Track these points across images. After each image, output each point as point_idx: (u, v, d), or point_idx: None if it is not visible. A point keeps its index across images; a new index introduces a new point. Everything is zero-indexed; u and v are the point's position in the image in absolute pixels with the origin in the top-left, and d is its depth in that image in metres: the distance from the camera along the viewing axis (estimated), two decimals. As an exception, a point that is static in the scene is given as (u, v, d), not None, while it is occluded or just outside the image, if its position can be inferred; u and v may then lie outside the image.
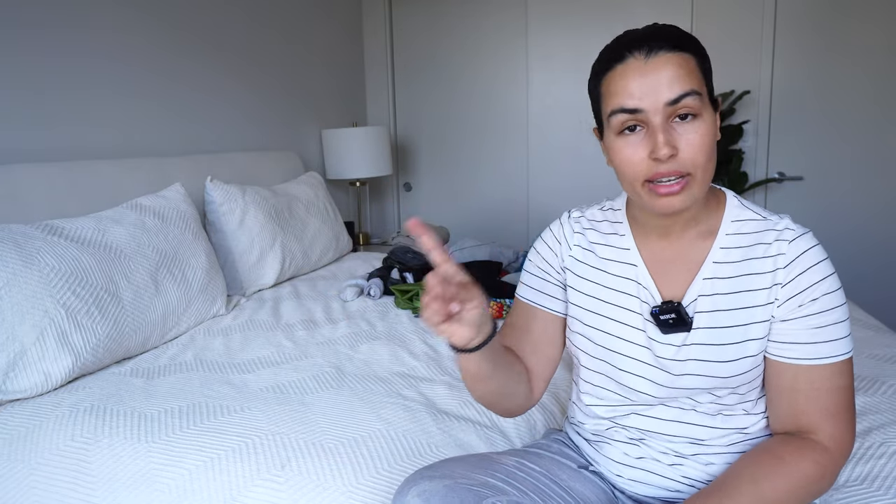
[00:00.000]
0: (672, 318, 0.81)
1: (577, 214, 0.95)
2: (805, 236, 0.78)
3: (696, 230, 0.84)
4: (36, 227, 1.44)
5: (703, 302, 0.81)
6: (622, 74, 0.75)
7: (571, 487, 0.88)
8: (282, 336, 1.65)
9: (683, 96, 0.72)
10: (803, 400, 0.77)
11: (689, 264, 0.83)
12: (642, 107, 0.73)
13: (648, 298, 0.84)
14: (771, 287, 0.78)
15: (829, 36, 2.72)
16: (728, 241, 0.82)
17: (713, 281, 0.81)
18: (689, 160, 0.73)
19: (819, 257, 0.77)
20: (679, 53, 0.74)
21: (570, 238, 0.94)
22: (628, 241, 0.88)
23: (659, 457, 0.86)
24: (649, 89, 0.73)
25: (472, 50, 3.35)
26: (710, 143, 0.74)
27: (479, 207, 3.49)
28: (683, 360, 0.81)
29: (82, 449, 1.13)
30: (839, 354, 0.76)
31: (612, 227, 0.91)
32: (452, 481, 0.76)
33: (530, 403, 0.94)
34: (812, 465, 0.74)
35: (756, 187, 2.90)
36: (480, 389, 0.86)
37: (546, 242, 0.96)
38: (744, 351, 0.79)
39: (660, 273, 0.85)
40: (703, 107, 0.74)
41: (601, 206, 0.95)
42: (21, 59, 1.70)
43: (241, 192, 2.12)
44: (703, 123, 0.74)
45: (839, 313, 0.76)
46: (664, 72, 0.73)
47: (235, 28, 2.55)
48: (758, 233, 0.81)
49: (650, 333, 0.84)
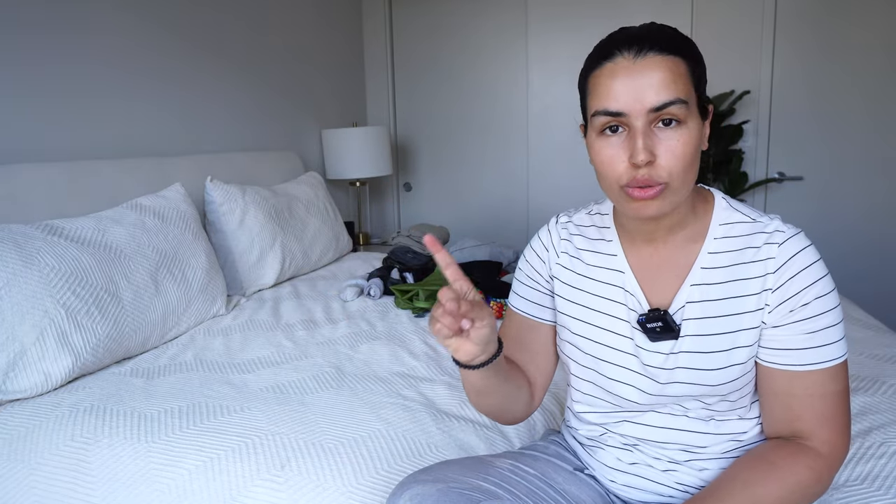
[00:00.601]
0: (659, 326, 0.79)
1: (565, 220, 0.93)
2: (795, 238, 0.76)
3: (682, 235, 0.81)
4: (36, 227, 1.44)
5: (690, 309, 0.79)
6: (609, 73, 0.73)
7: (566, 490, 0.88)
8: (282, 336, 1.65)
9: (669, 104, 0.70)
10: (798, 405, 0.76)
11: (677, 270, 0.81)
12: (625, 110, 0.71)
13: (636, 306, 0.83)
14: (761, 292, 0.76)
15: (828, 36, 2.72)
16: (716, 245, 0.80)
17: (701, 287, 0.79)
18: (665, 168, 0.71)
19: (810, 259, 0.75)
20: (670, 57, 0.71)
21: (557, 245, 0.92)
22: (615, 248, 0.86)
23: (652, 462, 0.85)
24: (634, 92, 0.71)
25: (472, 50, 3.35)
26: (691, 153, 0.72)
27: (479, 207, 3.49)
28: (671, 369, 0.80)
29: (82, 449, 1.13)
30: (833, 359, 0.75)
31: (600, 233, 0.89)
32: (445, 485, 0.75)
33: (531, 410, 0.94)
34: (806, 470, 0.73)
35: (756, 187, 2.90)
36: (483, 403, 0.86)
37: (534, 250, 0.95)
38: (732, 358, 0.77)
39: (647, 280, 0.83)
40: (689, 115, 0.72)
41: (589, 211, 0.93)
42: (21, 59, 1.70)
43: (241, 192, 2.12)
44: (687, 131, 0.71)
45: (832, 317, 0.74)
46: (652, 75, 0.70)
47: (235, 28, 2.55)
48: (747, 236, 0.79)
49: (638, 341, 0.82)
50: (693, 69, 0.74)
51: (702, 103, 0.76)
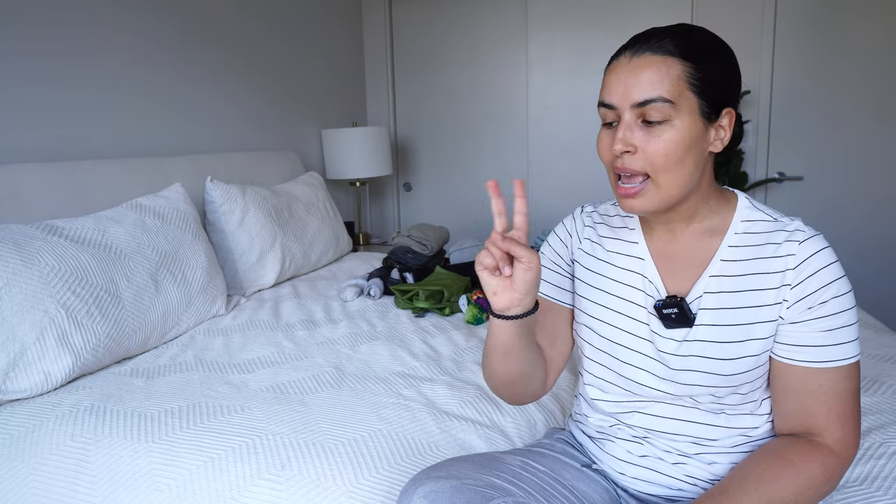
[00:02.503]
0: (675, 312, 0.81)
1: (590, 209, 0.98)
2: (815, 238, 0.78)
3: (700, 227, 0.84)
4: (36, 227, 1.44)
5: (708, 299, 0.81)
6: (612, 70, 0.79)
7: (575, 487, 0.88)
8: (282, 336, 1.65)
9: (650, 101, 0.74)
10: (812, 402, 0.77)
11: (697, 261, 0.84)
12: (615, 103, 0.77)
13: (653, 292, 0.85)
14: (780, 287, 0.78)
15: (828, 36, 2.72)
16: (737, 239, 0.82)
17: (720, 279, 0.81)
18: (646, 160, 0.76)
19: (829, 259, 0.77)
20: (664, 57, 0.75)
21: (580, 232, 0.96)
22: (637, 236, 0.90)
23: (662, 455, 0.86)
24: (624, 87, 0.76)
25: (472, 50, 3.35)
26: (677, 150, 0.75)
27: (480, 207, 3.49)
28: (685, 356, 0.81)
29: (82, 449, 1.13)
30: (848, 358, 0.76)
31: (623, 222, 0.93)
32: (458, 482, 0.76)
33: (543, 391, 0.95)
34: (819, 467, 0.74)
35: (756, 187, 2.90)
36: (504, 369, 0.86)
37: (558, 236, 0.99)
38: (746, 350, 0.79)
39: (667, 268, 0.86)
40: (677, 115, 0.75)
41: (614, 202, 0.97)
42: (21, 59, 1.70)
43: (241, 192, 2.12)
44: (672, 130, 0.75)
45: (848, 316, 0.76)
46: (640, 74, 0.75)
47: (235, 28, 2.55)
48: (768, 233, 0.81)
49: (653, 327, 0.84)
50: (691, 73, 0.75)
51: (710, 107, 0.76)
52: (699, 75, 0.75)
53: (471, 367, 1.42)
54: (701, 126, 0.76)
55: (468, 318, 1.74)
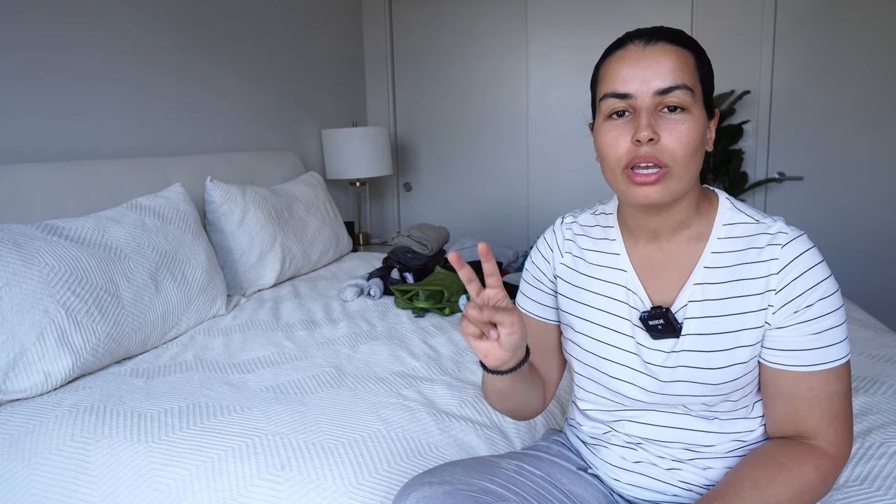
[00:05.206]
0: (661, 323, 0.80)
1: (570, 220, 0.95)
2: (799, 240, 0.76)
3: (686, 234, 0.82)
4: (36, 227, 1.44)
5: (693, 308, 0.79)
6: (620, 59, 0.76)
7: (571, 491, 0.88)
8: (282, 336, 1.65)
9: (675, 88, 0.72)
10: (803, 406, 0.76)
11: (680, 269, 0.82)
12: (632, 91, 0.74)
13: (638, 304, 0.83)
14: (764, 293, 0.76)
15: (829, 36, 2.72)
16: (720, 245, 0.80)
17: (704, 286, 0.79)
18: (668, 150, 0.73)
19: (813, 261, 0.75)
20: (679, 48, 0.74)
21: (561, 245, 0.93)
22: (618, 247, 0.87)
23: (656, 461, 0.85)
24: (643, 75, 0.73)
25: (471, 50, 3.35)
26: (694, 141, 0.73)
27: (479, 207, 3.49)
28: (673, 367, 0.80)
29: (82, 449, 1.13)
30: (837, 359, 0.75)
31: (604, 233, 0.90)
32: (452, 487, 0.75)
33: (544, 407, 0.96)
34: (813, 470, 0.73)
35: (756, 187, 2.90)
36: (503, 404, 0.87)
37: (540, 251, 0.96)
38: (734, 357, 0.78)
39: (650, 278, 0.84)
40: (695, 105, 0.74)
41: (594, 211, 0.94)
42: (21, 59, 1.70)
43: (241, 192, 2.12)
44: (692, 119, 0.73)
45: (836, 317, 0.75)
46: (661, 60, 0.73)
47: (235, 28, 2.55)
48: (750, 236, 0.79)
49: (639, 339, 0.83)
50: (699, 65, 0.76)
51: (708, 102, 0.77)
52: (703, 69, 0.76)
53: (471, 367, 1.42)
54: (706, 119, 0.76)
55: (468, 318, 1.73)
